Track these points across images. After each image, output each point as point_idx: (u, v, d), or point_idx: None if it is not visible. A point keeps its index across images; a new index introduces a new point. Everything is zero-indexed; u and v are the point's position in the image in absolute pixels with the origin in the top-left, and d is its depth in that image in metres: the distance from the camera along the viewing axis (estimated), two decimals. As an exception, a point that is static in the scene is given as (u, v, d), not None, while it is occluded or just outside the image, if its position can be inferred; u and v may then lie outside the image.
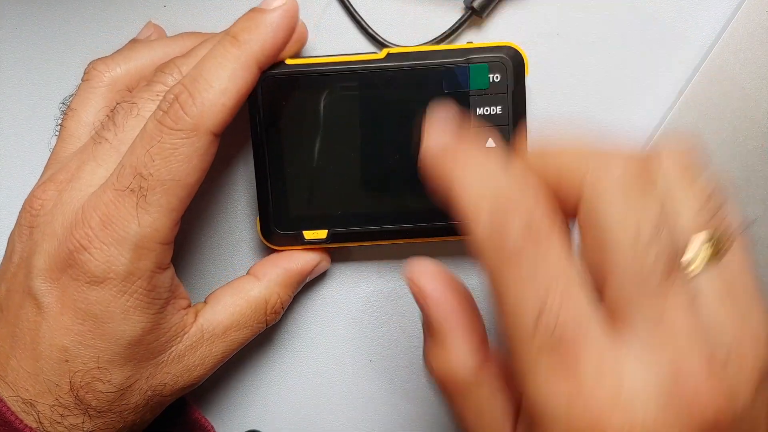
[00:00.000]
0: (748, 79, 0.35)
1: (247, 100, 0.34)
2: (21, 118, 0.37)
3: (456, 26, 0.36)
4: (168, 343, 0.31)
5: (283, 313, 0.36)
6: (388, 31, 0.36)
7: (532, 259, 0.22)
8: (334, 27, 0.37)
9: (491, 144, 0.34)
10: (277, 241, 0.35)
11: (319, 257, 0.36)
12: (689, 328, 0.22)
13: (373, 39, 0.36)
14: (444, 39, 0.36)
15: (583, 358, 0.21)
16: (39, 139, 0.37)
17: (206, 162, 0.30)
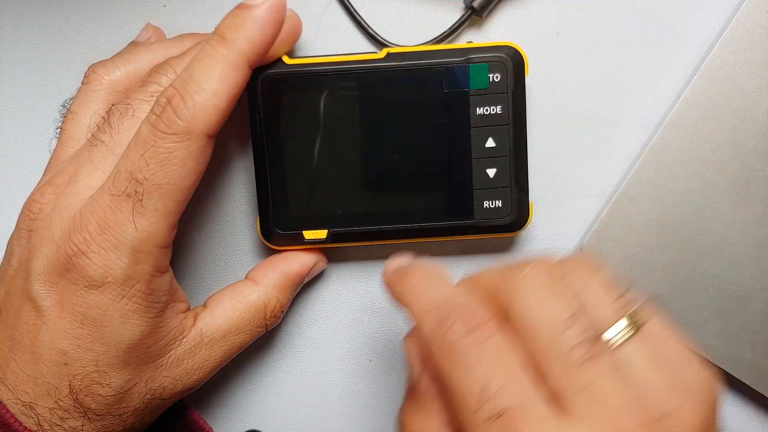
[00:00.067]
0: (748, 79, 0.35)
1: (247, 100, 0.34)
2: (21, 119, 0.37)
3: (456, 26, 0.36)
4: (167, 347, 0.31)
5: (283, 316, 0.36)
6: (388, 31, 0.36)
7: (474, 355, 0.25)
8: (334, 27, 0.37)
9: (491, 144, 0.34)
10: (277, 241, 0.35)
11: (316, 258, 0.36)
12: (620, 393, 0.24)
13: (373, 39, 0.36)
14: (444, 39, 0.36)
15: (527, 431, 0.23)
16: (39, 139, 0.37)
17: (202, 164, 0.30)
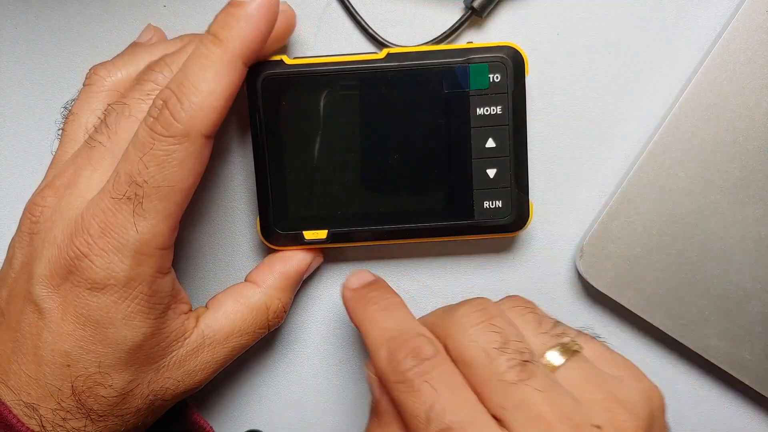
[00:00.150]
0: (748, 79, 0.35)
1: (247, 100, 0.34)
2: (21, 119, 0.37)
3: (456, 26, 0.36)
4: (169, 348, 0.31)
5: (286, 316, 0.36)
6: (388, 31, 0.36)
7: (421, 382, 0.27)
8: (334, 27, 0.36)
9: (491, 144, 0.34)
10: (277, 241, 0.35)
11: (313, 254, 0.36)
12: (555, 408, 0.26)
13: (373, 39, 0.36)
14: (444, 39, 0.36)
15: None
16: (40, 141, 0.37)
17: (201, 165, 0.30)
